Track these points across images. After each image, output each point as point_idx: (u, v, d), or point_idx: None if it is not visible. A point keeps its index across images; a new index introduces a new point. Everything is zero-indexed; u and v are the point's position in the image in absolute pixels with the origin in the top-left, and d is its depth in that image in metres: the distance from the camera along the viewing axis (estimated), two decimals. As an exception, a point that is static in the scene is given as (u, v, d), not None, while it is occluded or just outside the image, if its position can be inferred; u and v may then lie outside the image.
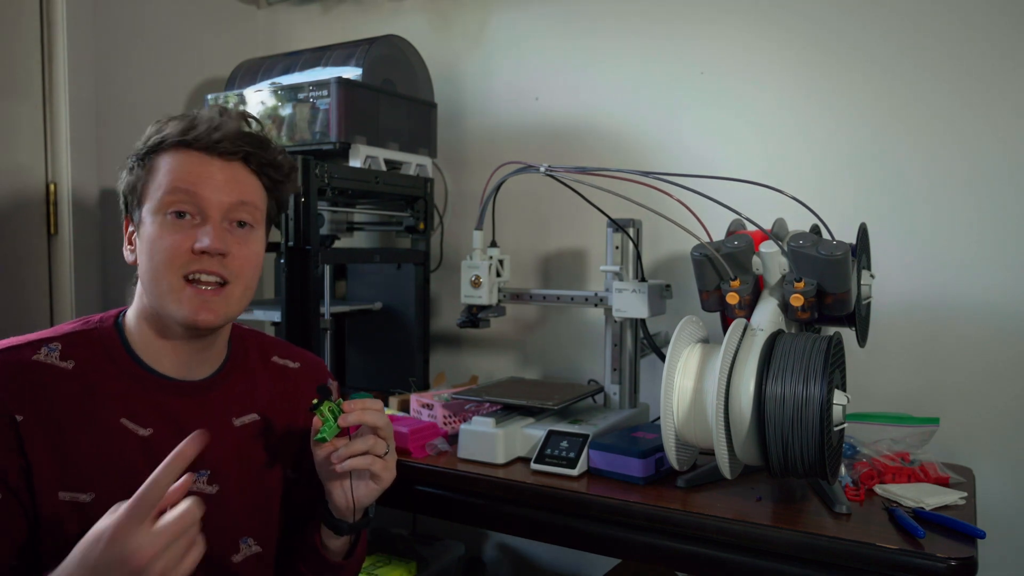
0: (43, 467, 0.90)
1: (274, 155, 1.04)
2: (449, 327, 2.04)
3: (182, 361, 1.02)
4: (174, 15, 2.08)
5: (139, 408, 0.98)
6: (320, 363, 1.24)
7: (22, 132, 1.75)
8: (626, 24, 1.84)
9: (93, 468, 0.93)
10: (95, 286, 1.85)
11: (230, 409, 1.06)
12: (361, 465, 0.98)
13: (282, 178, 1.06)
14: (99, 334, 1.00)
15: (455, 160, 2.05)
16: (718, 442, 1.13)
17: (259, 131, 1.05)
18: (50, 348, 0.95)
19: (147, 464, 0.96)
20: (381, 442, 1.00)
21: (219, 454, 1.03)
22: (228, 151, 0.98)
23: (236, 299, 1.00)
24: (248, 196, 1.00)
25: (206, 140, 0.97)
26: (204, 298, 0.96)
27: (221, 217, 0.98)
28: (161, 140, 0.98)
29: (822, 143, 1.64)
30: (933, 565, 1.01)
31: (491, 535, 2.05)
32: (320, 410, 0.97)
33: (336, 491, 1.02)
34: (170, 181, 0.96)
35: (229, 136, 0.98)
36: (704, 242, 1.24)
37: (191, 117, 1.00)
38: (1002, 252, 1.50)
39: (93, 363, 0.97)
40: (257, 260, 1.03)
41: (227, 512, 1.03)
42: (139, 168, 0.99)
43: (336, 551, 1.07)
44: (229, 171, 0.99)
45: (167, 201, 0.96)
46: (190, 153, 0.98)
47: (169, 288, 0.95)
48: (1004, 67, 1.49)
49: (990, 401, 1.51)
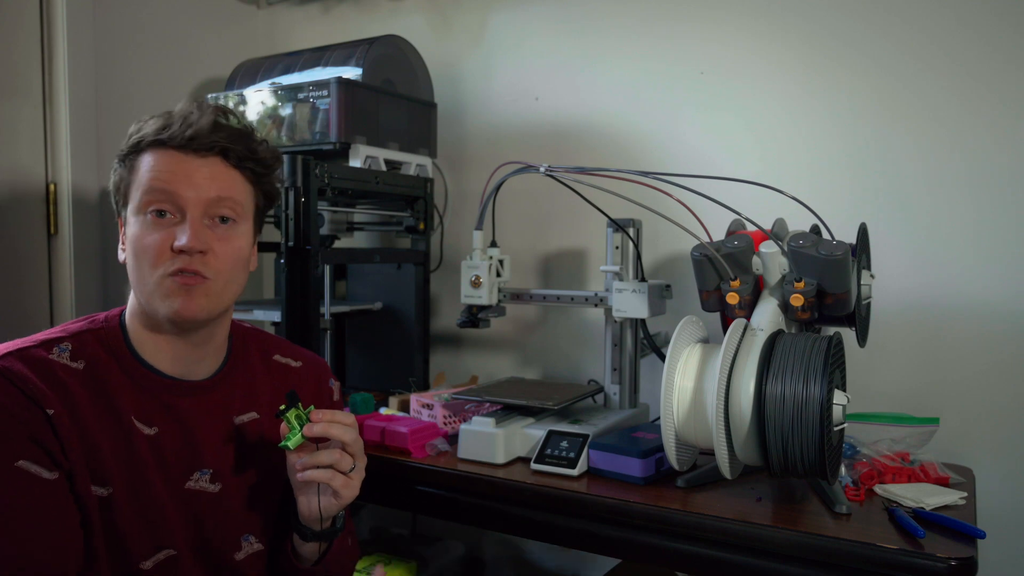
0: (76, 458, 0.91)
1: (253, 146, 1.03)
2: (449, 327, 2.04)
3: (180, 358, 1.02)
4: (174, 15, 2.08)
5: (144, 407, 0.99)
6: (322, 362, 1.24)
7: (22, 132, 1.75)
8: (626, 24, 1.84)
9: (111, 463, 0.94)
10: (95, 286, 1.85)
11: (231, 408, 1.07)
12: (321, 478, 0.97)
13: (264, 170, 1.04)
14: (105, 334, 1.00)
15: (455, 160, 2.05)
16: (718, 442, 1.13)
17: (236, 124, 1.03)
18: (61, 348, 0.96)
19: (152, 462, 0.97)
20: (347, 458, 0.98)
21: (220, 453, 1.04)
22: (203, 147, 0.98)
23: (217, 294, 0.99)
24: (228, 191, 0.99)
25: (180, 138, 0.97)
26: (187, 287, 0.96)
27: (201, 214, 0.97)
28: (140, 140, 0.99)
29: (822, 143, 1.64)
30: (933, 565, 1.00)
31: (491, 535, 2.05)
32: (287, 416, 0.96)
33: (301, 500, 1.02)
34: (148, 181, 0.96)
35: (203, 132, 0.98)
36: (704, 242, 1.24)
37: (167, 115, 1.00)
38: (1002, 252, 1.50)
39: (101, 363, 0.97)
40: (241, 254, 1.02)
41: (229, 510, 1.04)
42: (122, 168, 1.00)
43: (306, 557, 1.07)
44: (207, 167, 0.98)
45: (146, 201, 0.96)
46: (167, 152, 0.98)
47: (155, 286, 0.96)
48: (1004, 68, 1.49)
49: (990, 401, 1.51)
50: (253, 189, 1.04)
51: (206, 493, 1.02)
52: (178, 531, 0.99)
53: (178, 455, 1.00)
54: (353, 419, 1.01)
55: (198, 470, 1.02)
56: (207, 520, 1.02)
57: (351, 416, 1.01)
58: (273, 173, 1.07)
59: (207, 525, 1.02)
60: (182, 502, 1.00)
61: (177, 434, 1.00)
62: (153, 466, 0.97)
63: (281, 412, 0.96)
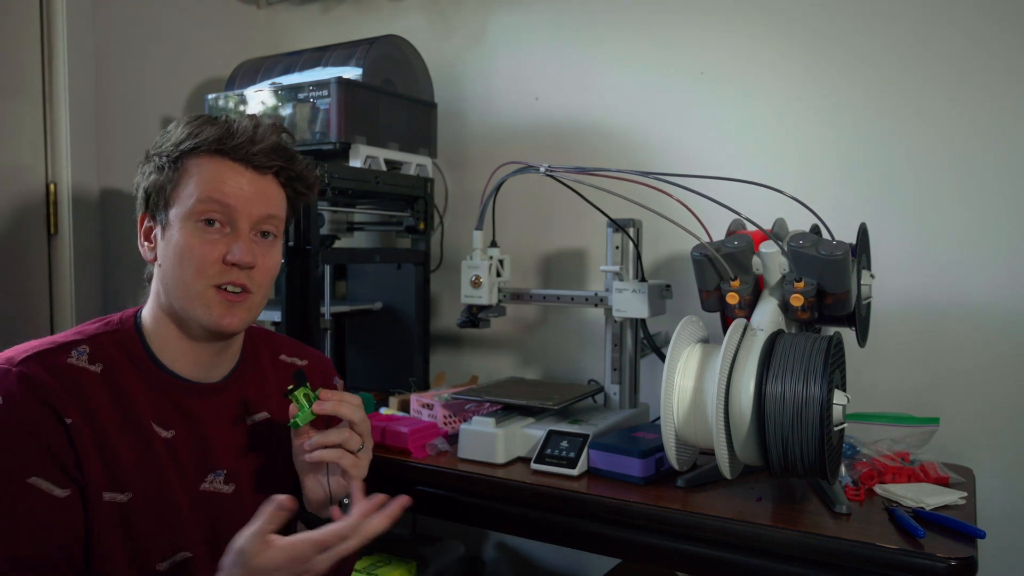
0: (91, 469, 0.91)
1: (301, 168, 1.05)
2: (449, 327, 2.04)
3: (201, 362, 1.03)
4: (174, 15, 2.08)
5: (162, 410, 0.99)
6: (326, 360, 1.25)
7: (22, 132, 1.75)
8: (626, 24, 1.84)
9: (130, 469, 0.94)
10: (95, 286, 1.85)
11: (244, 408, 1.08)
12: (331, 458, 0.97)
13: (306, 190, 1.07)
14: (121, 336, 1.00)
15: (455, 160, 2.05)
16: (718, 442, 1.13)
17: (290, 144, 1.05)
18: (79, 352, 0.95)
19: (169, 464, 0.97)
20: (356, 437, 0.99)
21: (234, 453, 1.05)
22: (263, 164, 0.99)
23: (257, 306, 1.02)
24: (276, 209, 1.02)
25: (244, 151, 0.98)
26: (230, 302, 0.98)
27: (250, 228, 0.99)
28: (196, 144, 0.97)
29: (822, 143, 1.64)
30: (933, 565, 1.00)
31: (491, 535, 2.05)
32: (295, 395, 0.97)
33: (309, 482, 1.02)
34: (203, 189, 0.96)
35: (266, 150, 0.99)
36: (704, 242, 1.24)
37: (228, 124, 1.00)
38: (1003, 252, 1.50)
39: (118, 366, 0.97)
40: (277, 268, 1.05)
41: (244, 510, 1.04)
42: (170, 169, 0.98)
43: None
44: (261, 184, 1.00)
45: (199, 209, 0.96)
46: (225, 162, 0.98)
47: (198, 294, 0.96)
48: (1003, 68, 1.49)
49: (990, 401, 1.51)
50: (289, 207, 1.06)
51: (221, 494, 1.02)
52: (194, 533, 0.99)
53: (193, 457, 1.00)
54: (360, 400, 1.01)
55: (212, 471, 1.02)
56: (222, 521, 1.02)
57: (358, 397, 1.02)
58: (311, 195, 1.09)
59: (222, 526, 1.02)
60: (198, 504, 1.00)
61: (192, 436, 1.01)
62: (170, 469, 0.98)
63: (290, 391, 0.97)
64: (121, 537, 0.93)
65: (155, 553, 0.96)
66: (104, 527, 0.92)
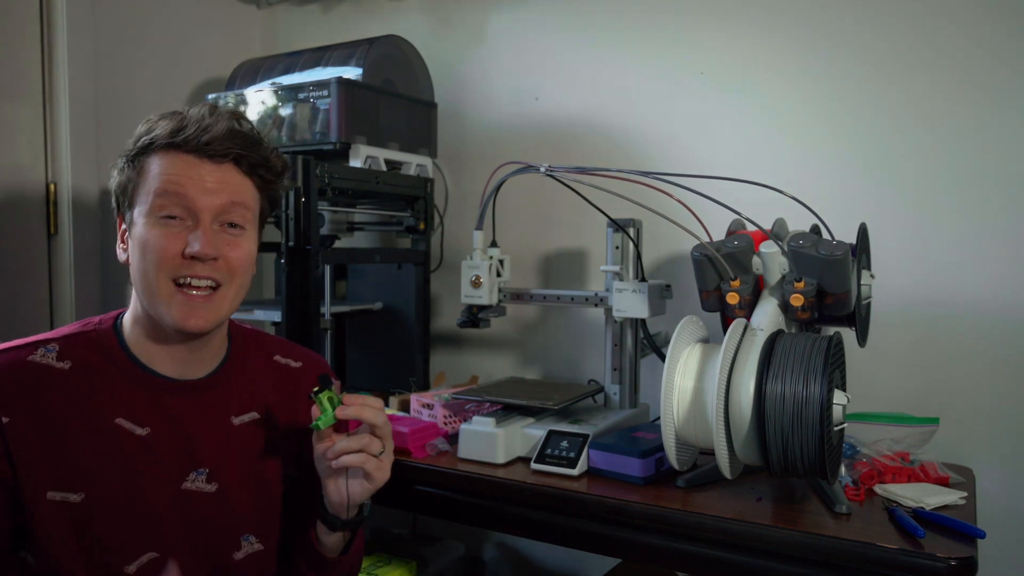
0: (31, 468, 0.91)
1: (266, 154, 1.03)
2: (449, 327, 2.04)
3: (179, 361, 1.02)
4: (174, 15, 2.08)
5: (137, 407, 0.98)
6: (323, 362, 1.24)
7: (22, 132, 1.76)
8: (626, 24, 1.84)
9: (86, 468, 0.93)
10: (95, 286, 1.85)
11: (229, 408, 1.06)
12: (355, 462, 0.98)
13: (274, 177, 1.05)
14: (98, 335, 1.00)
15: (455, 160, 2.05)
16: (718, 442, 1.13)
17: (250, 130, 1.03)
18: (47, 349, 0.95)
19: (145, 463, 0.97)
20: (377, 441, 0.99)
21: (217, 452, 1.04)
22: (218, 153, 0.97)
23: (228, 301, 1.00)
24: (239, 197, 1.00)
25: (195, 142, 0.96)
26: (193, 304, 0.96)
27: (212, 219, 0.97)
28: (151, 141, 0.97)
29: (822, 143, 1.64)
30: (933, 565, 1.01)
31: (491, 535, 2.05)
32: (319, 398, 0.97)
33: (331, 486, 1.02)
34: (160, 184, 0.96)
35: (219, 137, 0.97)
36: (704, 242, 1.24)
37: (180, 117, 0.99)
38: (1003, 252, 1.50)
39: (91, 363, 0.97)
40: (249, 260, 1.03)
41: (227, 510, 1.03)
42: (129, 169, 0.99)
43: (331, 547, 1.07)
44: (219, 173, 0.98)
45: (157, 204, 0.95)
46: (179, 155, 0.97)
47: (159, 291, 0.96)
48: (1003, 68, 1.49)
49: (990, 401, 1.51)
50: (260, 195, 1.05)
51: (203, 493, 1.02)
52: (172, 532, 0.98)
53: (174, 455, 1.00)
54: (381, 403, 1.02)
55: (194, 470, 1.01)
56: (205, 520, 1.01)
57: (379, 400, 1.02)
58: (281, 181, 1.07)
59: (205, 525, 1.01)
60: (178, 503, 0.99)
61: (171, 434, 1.00)
62: (144, 467, 0.97)
63: (315, 394, 0.97)
64: (74, 538, 0.92)
65: (123, 554, 0.95)
66: (49, 527, 0.91)
